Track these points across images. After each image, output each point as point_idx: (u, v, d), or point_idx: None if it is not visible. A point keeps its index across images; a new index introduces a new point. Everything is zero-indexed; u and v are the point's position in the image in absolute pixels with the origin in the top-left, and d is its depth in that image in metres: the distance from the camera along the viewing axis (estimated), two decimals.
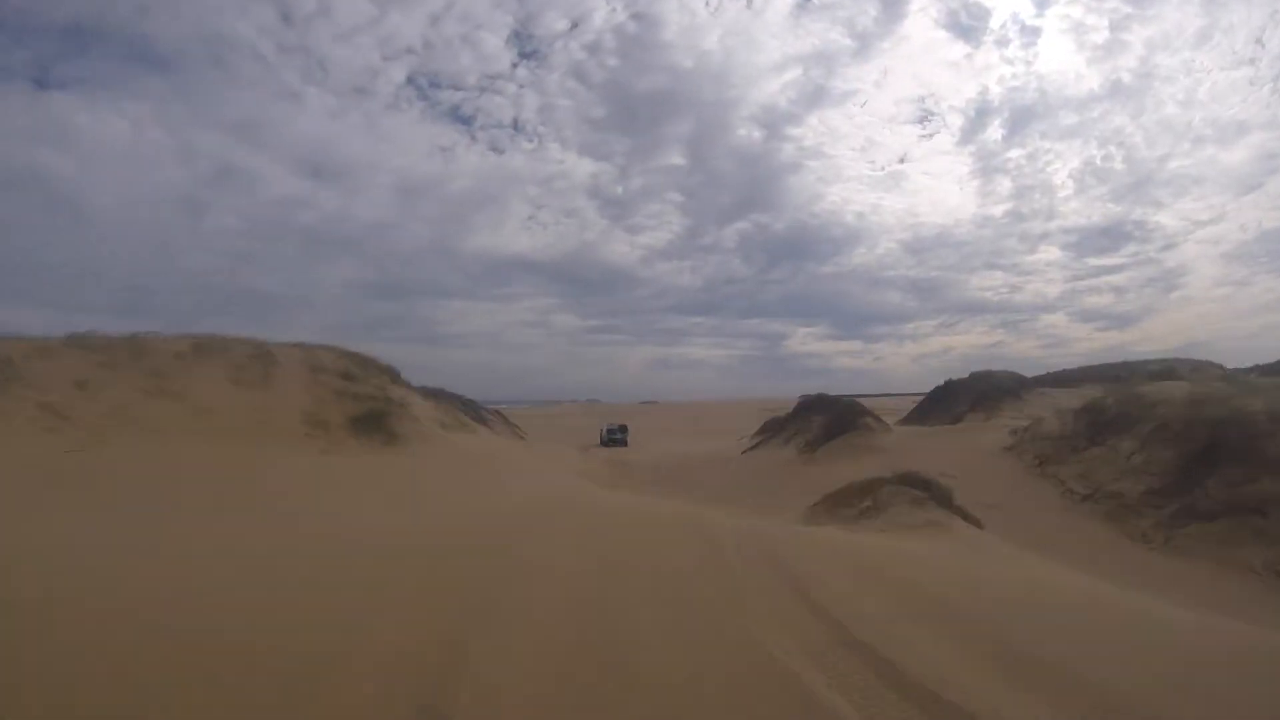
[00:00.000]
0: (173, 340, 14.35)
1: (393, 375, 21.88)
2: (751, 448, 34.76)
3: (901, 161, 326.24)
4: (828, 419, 30.38)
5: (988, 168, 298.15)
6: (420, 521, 8.87)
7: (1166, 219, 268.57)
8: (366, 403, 15.76)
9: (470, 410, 32.56)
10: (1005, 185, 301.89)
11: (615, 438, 53.15)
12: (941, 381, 40.70)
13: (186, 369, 13.47)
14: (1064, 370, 39.03)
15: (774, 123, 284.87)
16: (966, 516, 14.40)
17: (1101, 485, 19.59)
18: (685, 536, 8.97)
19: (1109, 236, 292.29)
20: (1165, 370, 35.18)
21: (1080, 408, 23.37)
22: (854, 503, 15.24)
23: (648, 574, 6.59)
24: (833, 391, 37.86)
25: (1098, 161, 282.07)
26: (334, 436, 13.64)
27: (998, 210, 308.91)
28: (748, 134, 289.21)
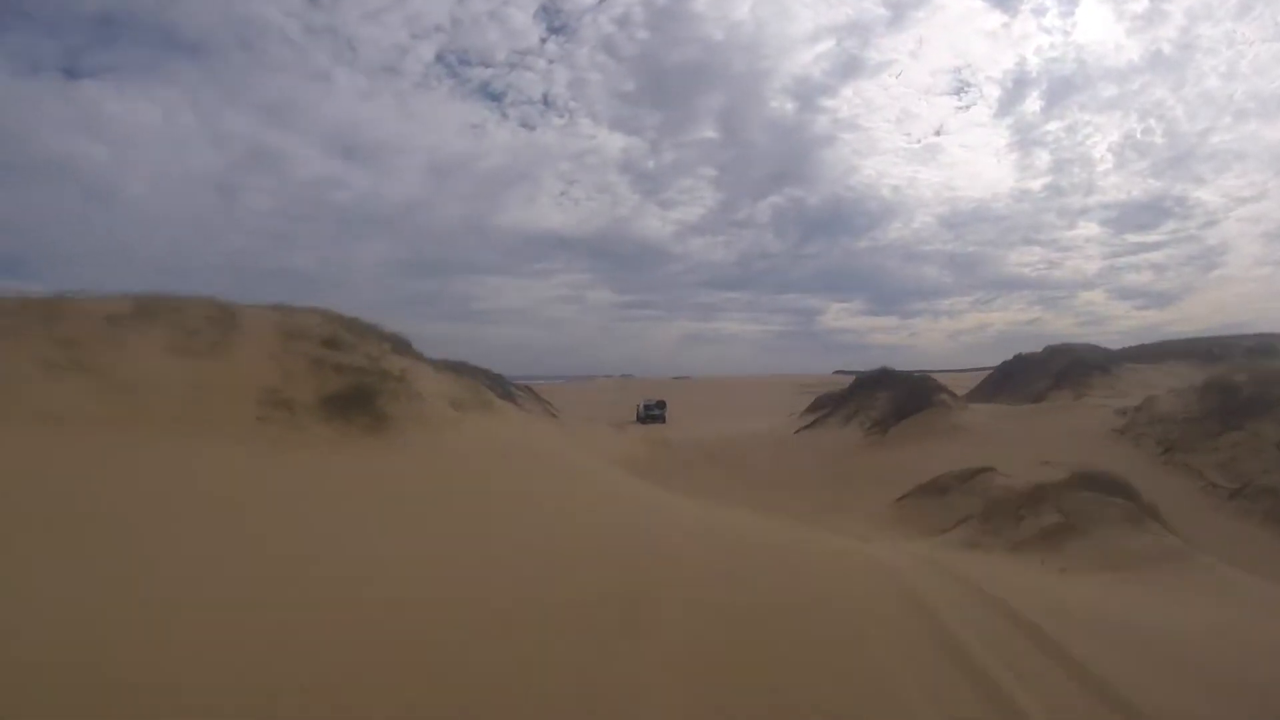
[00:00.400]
0: (108, 301, 11.20)
1: (398, 343, 18.82)
2: (806, 427, 31.35)
3: (938, 134, 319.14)
4: (895, 395, 26.95)
5: (1025, 140, 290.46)
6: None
7: (1207, 195, 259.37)
8: (351, 376, 12.47)
9: (497, 386, 29.53)
10: (1044, 158, 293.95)
11: (653, 414, 50.04)
12: (1010, 356, 37.04)
13: (116, 336, 10.34)
14: (1142, 345, 34.97)
15: (807, 94, 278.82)
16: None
17: (1251, 479, 16.08)
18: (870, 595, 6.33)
19: (1149, 212, 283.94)
20: (1264, 347, 31.29)
21: (1203, 386, 19.75)
22: (1022, 514, 11.65)
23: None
24: (868, 368, 34.49)
25: (1138, 135, 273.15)
26: (297, 421, 10.38)
27: (1036, 184, 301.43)
28: (780, 106, 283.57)
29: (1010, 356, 37.51)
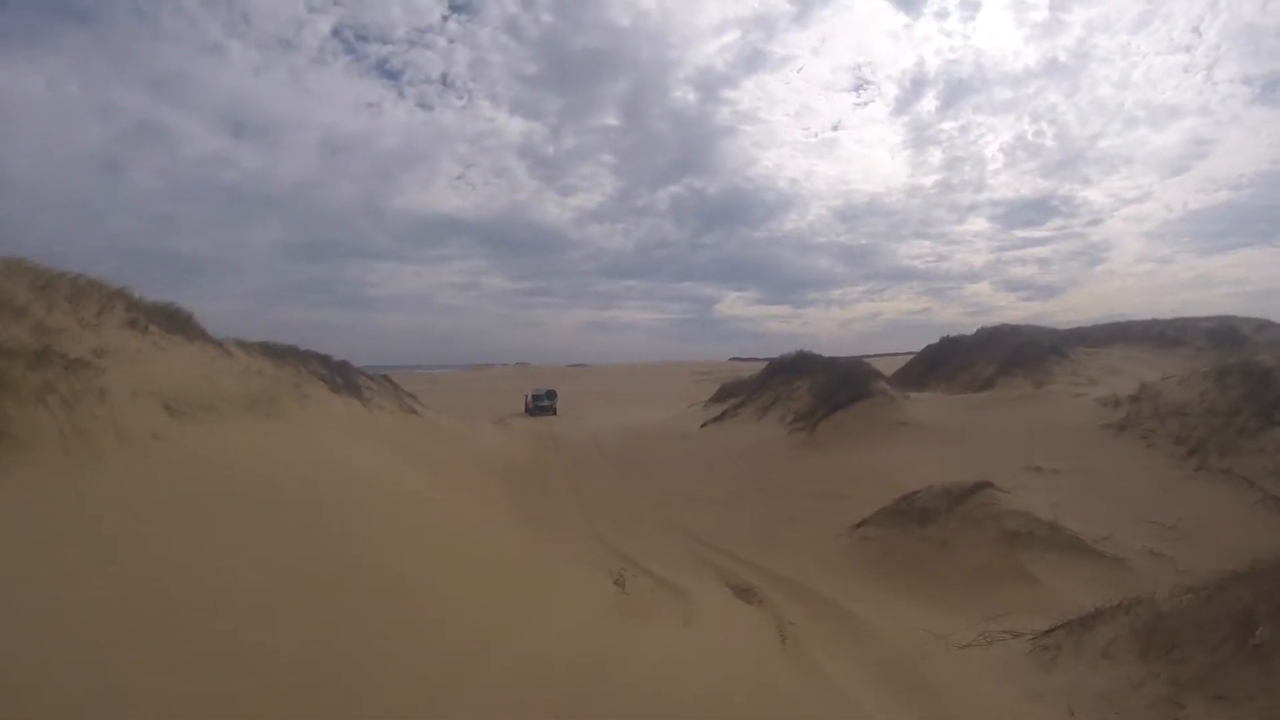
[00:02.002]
0: None
1: (149, 315, 13.09)
2: (714, 420, 26.31)
3: (835, 129, 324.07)
4: (823, 384, 22.13)
5: (920, 138, 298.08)
6: None
7: (1094, 195, 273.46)
8: None
9: (340, 374, 23.39)
10: (936, 156, 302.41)
11: (543, 405, 44.37)
12: (914, 341, 33.07)
13: None
14: (1097, 325, 31.33)
15: (710, 85, 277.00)
16: None
17: None
18: None
19: (1036, 210, 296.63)
20: (1226, 329, 28.10)
21: (1221, 372, 15.67)
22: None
23: None
24: (762, 355, 29.72)
25: (1029, 137, 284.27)
26: None
27: (928, 180, 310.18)
28: (683, 96, 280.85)
29: (937, 340, 33.61)
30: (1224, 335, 27.65)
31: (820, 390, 21.73)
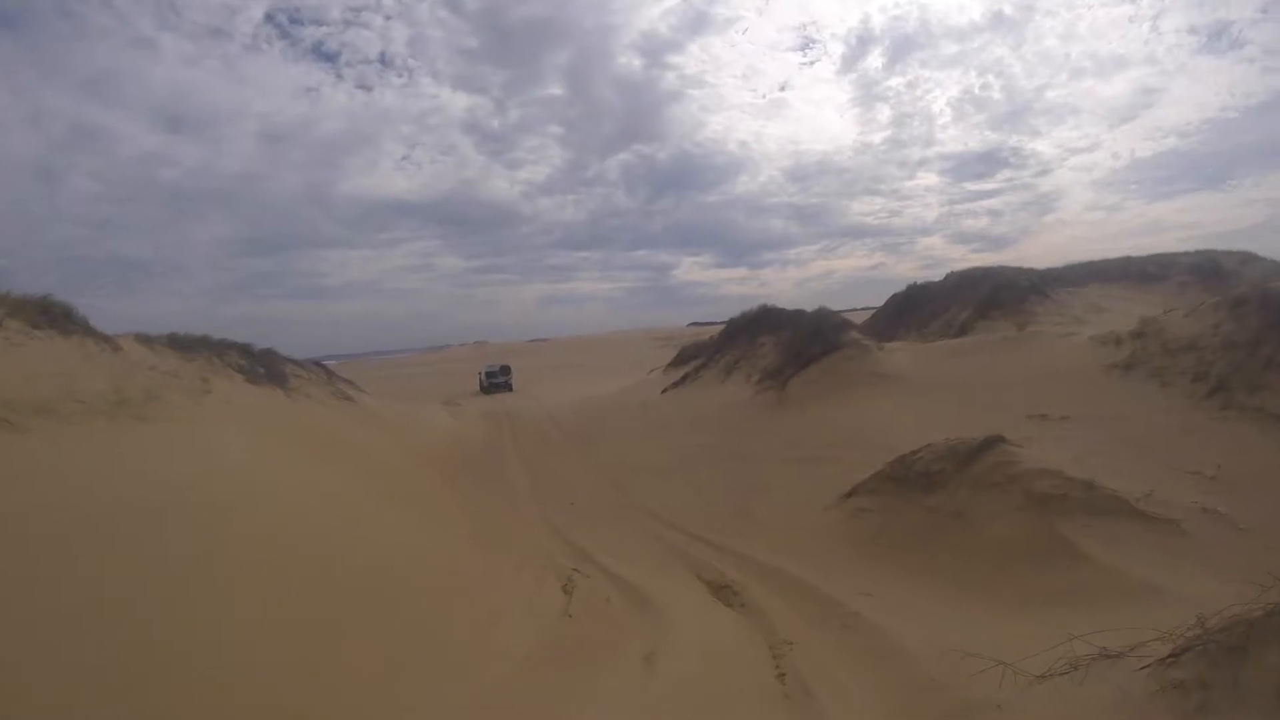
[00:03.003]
0: None
1: (12, 305, 11.30)
2: (674, 385, 24.31)
3: (783, 89, 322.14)
4: (790, 339, 20.19)
5: (868, 96, 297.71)
6: None
7: (1042, 146, 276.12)
8: None
9: (263, 364, 21.16)
10: (885, 113, 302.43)
11: (497, 382, 42.10)
12: (871, 296, 31.17)
13: None
14: (1068, 265, 29.45)
15: (655, 51, 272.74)
16: None
17: None
18: None
19: (986, 162, 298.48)
20: (1208, 263, 26.61)
21: (1234, 302, 14.06)
22: None
23: None
24: (721, 319, 27.59)
25: (976, 90, 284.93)
26: None
27: (877, 138, 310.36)
28: (628, 63, 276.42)
29: (893, 294, 31.69)
30: (1207, 270, 26.15)
31: (788, 346, 19.80)
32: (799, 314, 22.37)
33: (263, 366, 20.84)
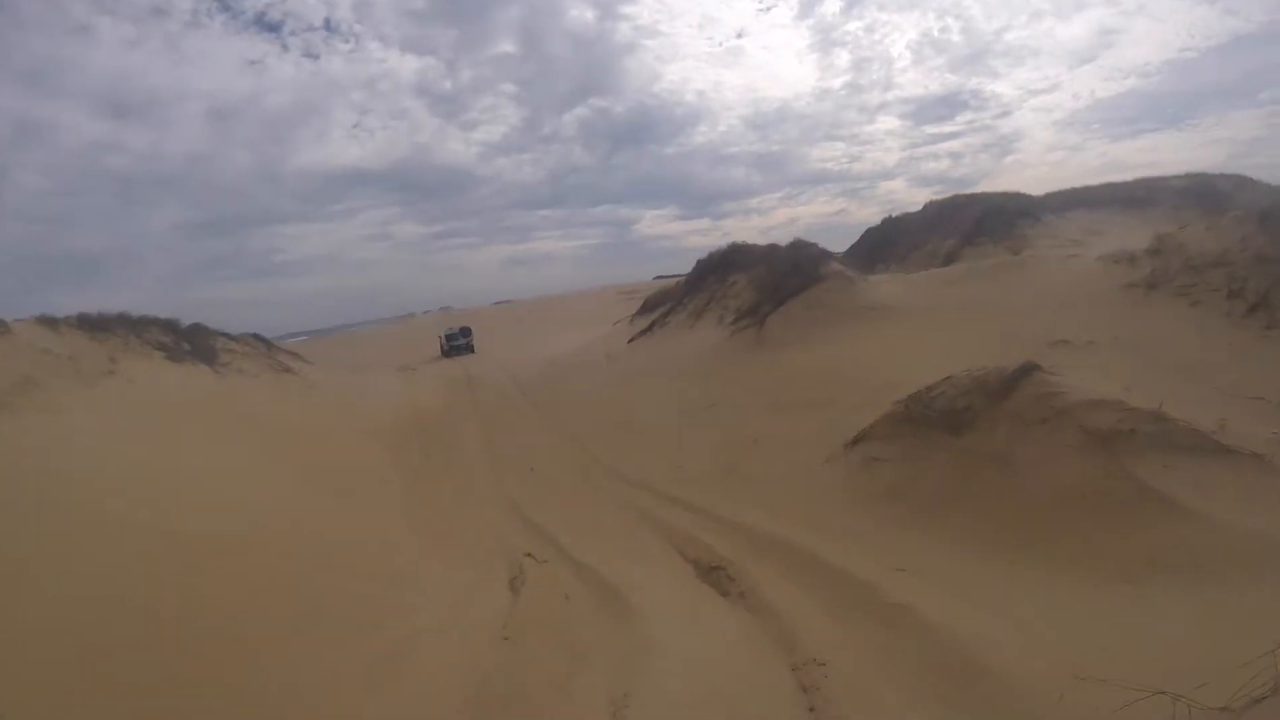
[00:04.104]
0: None
1: None
2: (642, 333, 22.45)
3: (740, 37, 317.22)
4: (764, 275, 18.33)
5: (826, 41, 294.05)
6: None
7: (1002, 88, 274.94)
8: None
9: (189, 340, 19.16)
10: (843, 58, 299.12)
11: (458, 345, 39.78)
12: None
13: None
14: (1048, 194, 27.54)
15: (607, 2, 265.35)
16: None
17: None
18: None
19: (946, 105, 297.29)
20: (1201, 186, 24.93)
21: (1263, 214, 12.77)
22: None
23: None
24: (686, 270, 25.59)
25: (935, 33, 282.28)
26: None
27: (836, 83, 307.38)
28: (580, 15, 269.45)
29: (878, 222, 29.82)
30: (1201, 192, 24.40)
31: (763, 282, 17.96)
32: (773, 248, 20.46)
33: (189, 343, 18.66)
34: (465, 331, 41.46)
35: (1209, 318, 10.59)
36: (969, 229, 21.86)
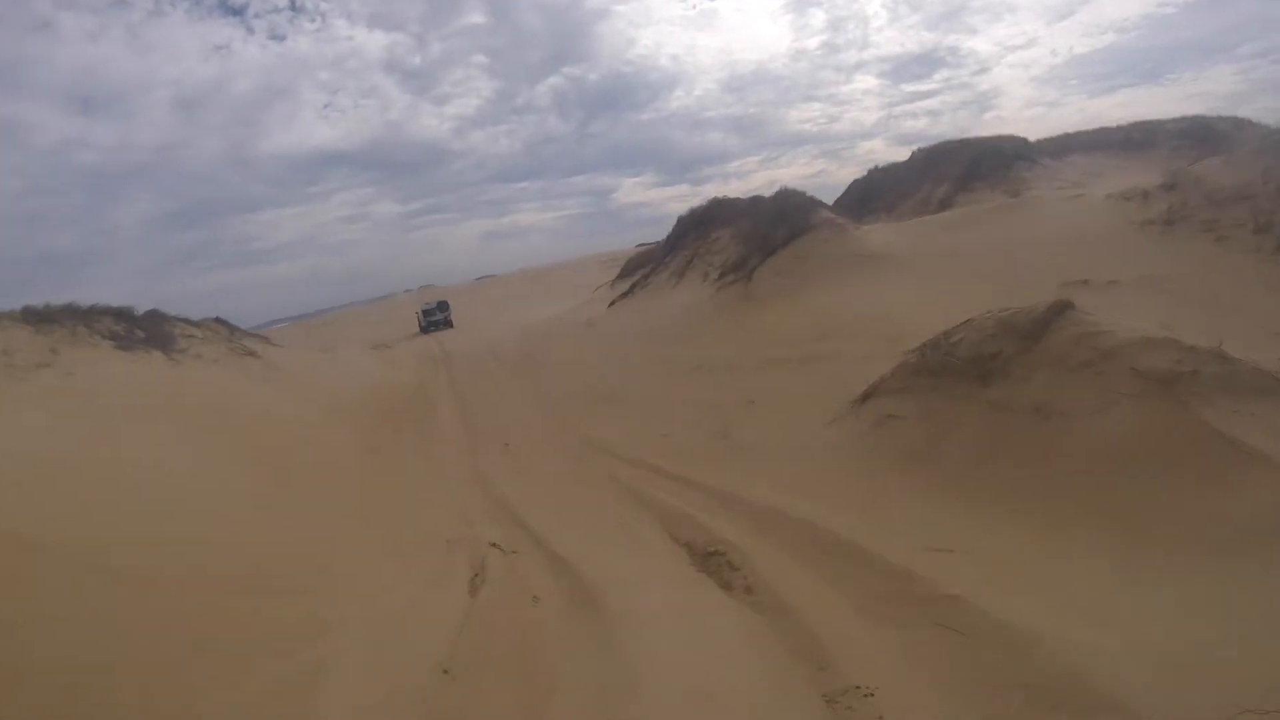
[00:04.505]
0: None
1: None
2: (622, 297, 21.36)
3: None
4: (749, 228, 17.21)
5: (800, 1, 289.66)
6: None
7: (980, 45, 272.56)
8: None
9: (143, 327, 17.97)
10: (818, 18, 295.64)
11: (436, 320, 38.53)
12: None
13: None
14: (1040, 140, 26.26)
15: None
16: None
17: None
18: None
19: (923, 63, 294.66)
20: (1199, 128, 23.62)
21: None
22: None
23: None
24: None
25: None
26: None
27: (812, 43, 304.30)
28: None
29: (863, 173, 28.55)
30: (1200, 134, 22.79)
31: (748, 235, 16.82)
32: (757, 200, 19.24)
33: (143, 330, 17.47)
34: (443, 306, 40.17)
35: (1236, 253, 9.73)
36: (961, 174, 20.75)
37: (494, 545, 6.08)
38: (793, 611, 4.13)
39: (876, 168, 27.82)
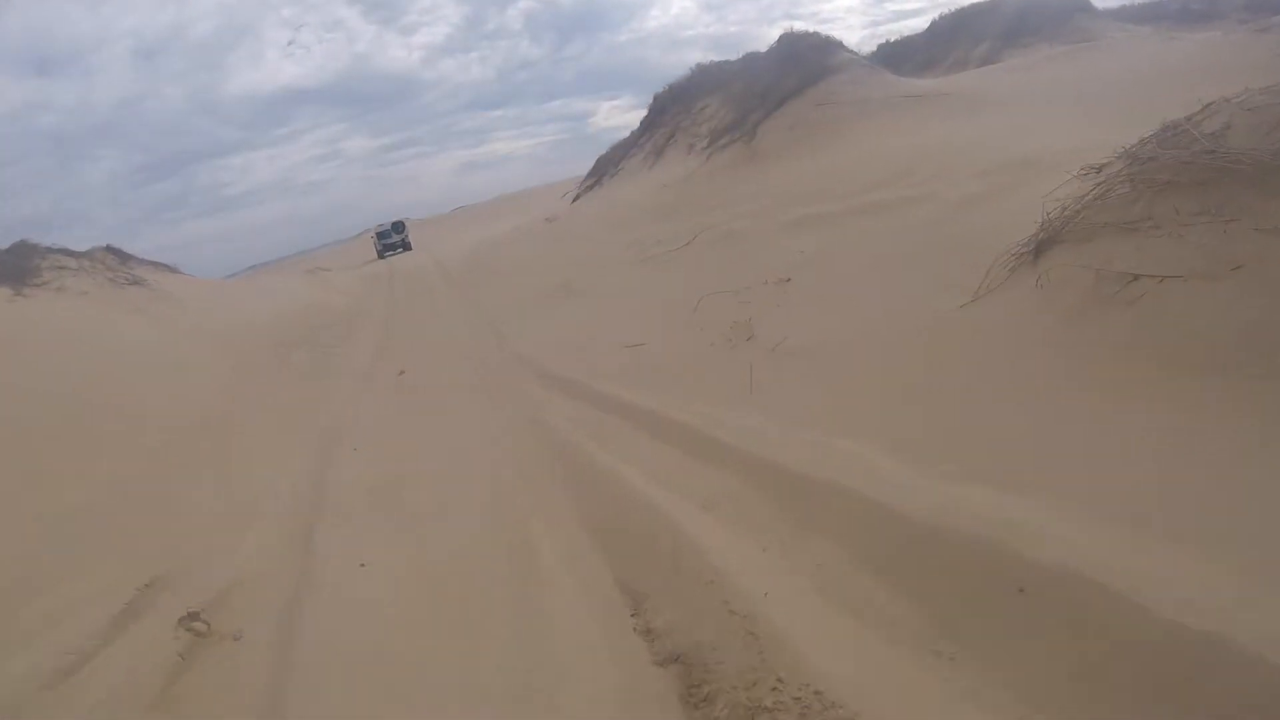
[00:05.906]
0: None
1: None
2: (589, 187, 17.35)
3: None
4: (742, 90, 13.07)
5: None
6: None
7: None
8: None
9: (6, 259, 14.84)
10: None
11: (391, 243, 34.45)
12: None
13: None
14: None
15: None
16: None
17: None
18: None
19: None
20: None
21: None
22: None
23: None
24: None
25: None
26: None
27: None
28: None
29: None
30: (1271, 5, 19.08)
31: (742, 96, 12.69)
32: (752, 56, 14.72)
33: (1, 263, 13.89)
34: (398, 227, 35.71)
35: None
36: (1005, 30, 16.80)
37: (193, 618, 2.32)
38: None
39: (888, 42, 23.24)
